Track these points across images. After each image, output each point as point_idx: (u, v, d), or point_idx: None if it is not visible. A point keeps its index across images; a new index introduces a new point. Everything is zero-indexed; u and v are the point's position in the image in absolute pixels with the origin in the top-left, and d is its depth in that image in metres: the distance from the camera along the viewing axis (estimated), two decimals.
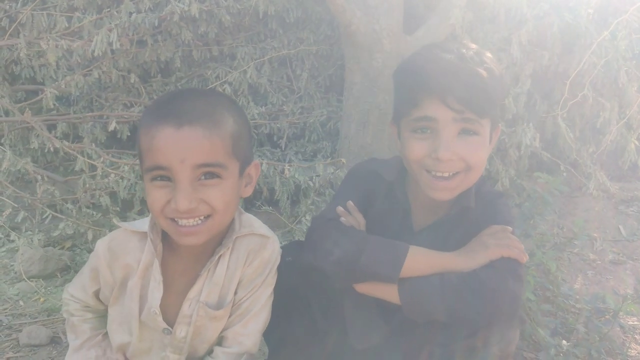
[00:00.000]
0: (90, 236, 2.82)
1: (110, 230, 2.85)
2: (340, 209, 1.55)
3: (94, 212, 2.97)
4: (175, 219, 1.29)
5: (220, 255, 1.43)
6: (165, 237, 1.42)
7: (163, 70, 3.72)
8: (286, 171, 3.06)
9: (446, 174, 1.45)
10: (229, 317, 1.49)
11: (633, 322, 2.41)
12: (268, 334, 1.59)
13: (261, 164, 3.11)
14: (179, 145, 1.23)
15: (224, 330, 1.50)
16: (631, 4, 3.20)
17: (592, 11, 3.21)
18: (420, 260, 1.43)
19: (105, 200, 2.87)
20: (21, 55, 3.17)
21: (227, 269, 1.44)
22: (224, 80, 3.50)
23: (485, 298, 1.37)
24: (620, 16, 3.20)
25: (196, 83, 3.65)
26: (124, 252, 1.43)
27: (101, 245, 1.44)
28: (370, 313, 1.59)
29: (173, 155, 1.23)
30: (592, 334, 2.14)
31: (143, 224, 1.43)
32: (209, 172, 1.27)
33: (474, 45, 1.49)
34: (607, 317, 2.24)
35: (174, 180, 1.25)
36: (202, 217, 1.30)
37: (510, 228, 1.52)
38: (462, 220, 1.56)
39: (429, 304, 1.40)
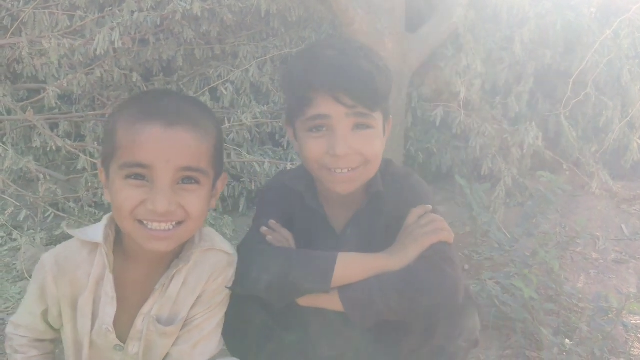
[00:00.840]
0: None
1: None
2: (264, 229, 1.53)
3: (96, 211, 2.97)
4: (145, 222, 1.24)
5: (177, 271, 1.37)
6: (117, 246, 1.36)
7: (165, 69, 3.72)
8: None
9: (345, 170, 1.46)
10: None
11: (636, 321, 2.40)
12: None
13: (263, 163, 3.11)
14: (166, 144, 1.21)
15: (171, 347, 1.43)
16: (634, 2, 3.19)
17: (594, 10, 3.21)
18: (351, 267, 1.42)
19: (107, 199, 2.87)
20: (23, 54, 3.17)
21: (183, 285, 1.38)
22: (226, 79, 3.49)
23: (425, 290, 1.38)
24: (623, 15, 3.19)
25: (198, 82, 3.64)
26: (72, 265, 1.34)
27: (47, 258, 1.36)
28: (332, 319, 1.58)
29: (158, 154, 1.20)
30: (595, 333, 2.13)
31: (95, 232, 1.35)
32: (189, 177, 1.25)
33: (356, 41, 1.51)
34: (610, 316, 2.24)
35: (153, 180, 1.21)
36: (173, 223, 1.26)
37: (429, 207, 1.54)
38: (378, 207, 1.57)
39: (371, 307, 1.39)
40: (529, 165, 3.46)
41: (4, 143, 3.09)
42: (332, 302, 1.42)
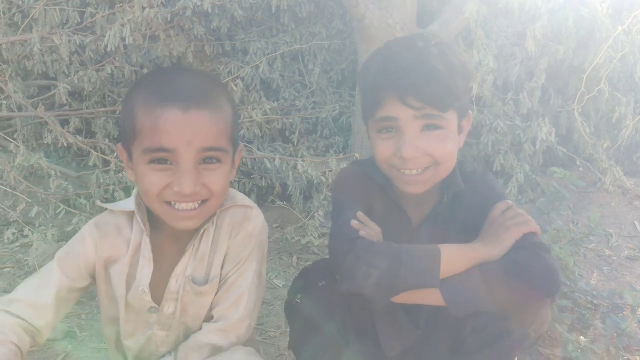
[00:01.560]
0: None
1: None
2: (355, 222, 1.50)
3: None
4: (172, 203, 1.28)
5: (204, 230, 1.41)
6: (148, 216, 1.41)
7: (175, 65, 3.71)
8: (299, 166, 3.04)
9: (414, 171, 1.45)
10: (216, 293, 1.45)
11: None
12: (299, 351, 1.59)
13: (274, 159, 3.11)
14: (187, 127, 1.22)
15: (212, 309, 1.46)
16: None
17: (607, 5, 3.18)
18: (454, 258, 1.41)
19: (119, 195, 2.87)
20: (34, 50, 3.17)
21: (211, 244, 1.42)
22: (236, 75, 3.49)
23: (529, 279, 1.35)
24: (636, 10, 3.18)
25: None
26: (114, 229, 1.40)
27: (87, 227, 1.42)
28: (398, 319, 1.58)
29: (180, 137, 1.22)
30: (609, 329, 2.11)
31: (126, 204, 1.41)
32: (210, 157, 1.27)
33: (436, 37, 1.49)
34: (624, 312, 2.22)
35: (177, 163, 1.24)
36: (199, 201, 1.29)
37: (510, 202, 1.53)
38: (457, 205, 1.56)
39: (474, 298, 1.37)
40: (540, 162, 3.44)
41: (15, 139, 3.10)
42: (430, 297, 1.41)
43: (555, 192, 2.47)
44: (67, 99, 3.26)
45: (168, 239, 1.43)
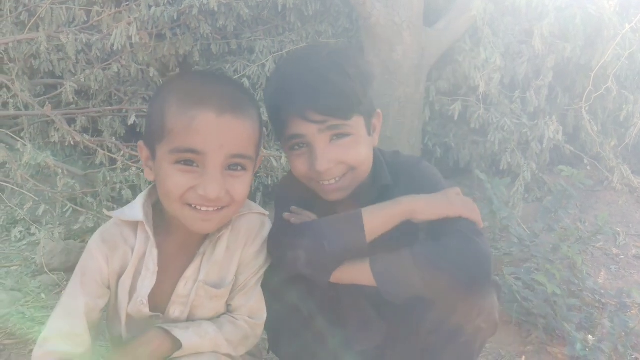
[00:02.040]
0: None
1: None
2: (286, 214, 1.52)
3: (115, 206, 2.98)
4: (193, 205, 1.27)
5: (220, 236, 1.41)
6: (159, 220, 1.40)
7: (182, 64, 3.72)
8: None
9: (332, 181, 1.47)
10: (230, 294, 1.47)
11: None
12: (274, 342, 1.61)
13: (280, 157, 3.10)
14: (220, 132, 1.23)
15: (230, 304, 1.49)
16: None
17: (614, 2, 3.16)
18: (378, 216, 1.41)
19: (127, 193, 2.87)
20: (41, 49, 3.17)
21: (226, 249, 1.43)
22: (242, 74, 3.49)
23: (459, 262, 1.36)
24: None
25: None
26: (120, 240, 1.39)
27: (93, 242, 1.39)
28: (365, 313, 1.58)
29: (212, 140, 1.22)
30: (617, 328, 2.10)
31: (132, 211, 1.38)
32: (237, 163, 1.27)
33: (328, 47, 1.50)
34: (633, 311, 2.21)
35: (204, 166, 1.23)
36: (219, 207, 1.29)
37: (458, 189, 1.52)
38: (385, 199, 1.54)
39: (404, 278, 1.37)
40: (547, 160, 3.43)
41: (22, 138, 3.11)
42: (363, 275, 1.41)
43: (562, 191, 2.46)
44: (73, 98, 3.26)
45: (175, 244, 1.41)
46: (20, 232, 2.97)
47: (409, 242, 1.41)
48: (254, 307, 1.48)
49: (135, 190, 2.94)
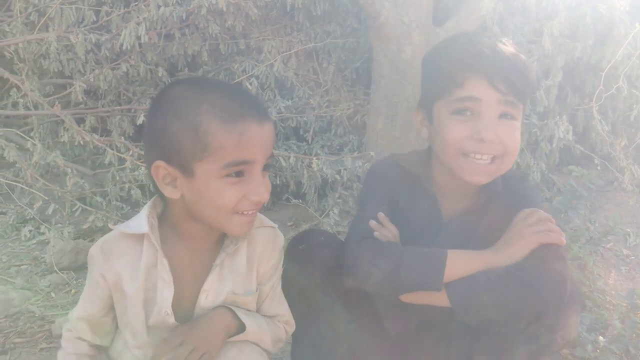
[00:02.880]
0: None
1: None
2: (373, 223, 1.51)
3: (124, 205, 2.99)
4: (244, 212, 1.30)
5: (237, 247, 1.42)
6: (166, 232, 1.40)
7: (190, 64, 3.73)
8: (314, 164, 3.04)
9: (485, 157, 1.42)
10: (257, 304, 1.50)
11: None
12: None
13: (288, 157, 3.10)
14: (264, 139, 1.27)
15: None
16: None
17: (625, 1, 3.15)
18: (460, 264, 1.40)
19: (136, 193, 2.88)
20: (50, 49, 3.19)
21: (247, 260, 1.44)
22: (250, 73, 3.49)
23: (533, 285, 1.34)
24: None
25: (223, 77, 3.65)
26: (117, 253, 1.38)
27: (93, 250, 1.40)
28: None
29: (259, 149, 1.26)
30: (628, 329, 2.09)
31: (137, 224, 1.37)
32: (268, 164, 1.32)
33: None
34: None
35: (250, 174, 1.27)
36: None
37: (540, 210, 1.48)
38: (491, 206, 1.54)
39: (477, 302, 1.37)
40: (557, 160, 3.41)
41: (31, 137, 3.12)
42: (438, 299, 1.41)
43: (572, 191, 2.44)
44: (82, 98, 3.28)
45: (185, 254, 1.41)
46: (30, 231, 2.99)
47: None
48: (286, 315, 1.53)
49: (144, 189, 2.94)
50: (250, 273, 1.45)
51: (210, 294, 1.41)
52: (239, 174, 1.26)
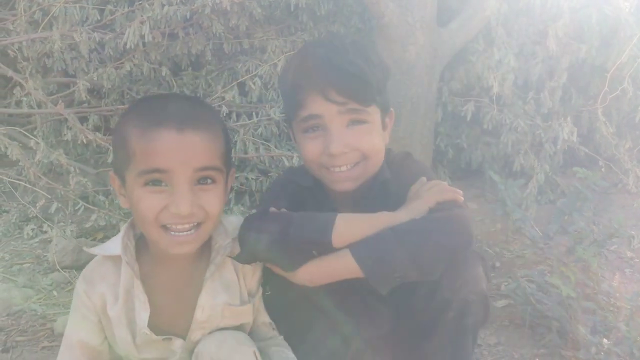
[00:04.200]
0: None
1: None
2: (272, 208, 1.50)
3: None
4: (168, 226, 1.27)
5: (225, 261, 1.43)
6: (144, 250, 1.40)
7: (194, 64, 3.72)
8: None
9: (344, 168, 1.45)
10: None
11: None
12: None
13: (292, 157, 3.10)
14: (182, 148, 1.23)
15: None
16: None
17: (631, 3, 3.13)
18: (355, 223, 1.38)
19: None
20: (54, 47, 3.18)
21: (235, 272, 1.45)
22: (254, 73, 3.48)
23: (444, 229, 1.35)
24: None
25: (226, 76, 3.64)
26: (98, 278, 1.39)
27: (79, 281, 1.42)
28: (369, 303, 1.56)
29: (175, 158, 1.22)
30: (633, 332, 2.08)
31: (115, 245, 1.39)
32: (205, 177, 1.28)
33: (349, 37, 1.50)
34: None
35: (172, 184, 1.24)
36: (195, 224, 1.29)
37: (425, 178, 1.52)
38: (385, 194, 1.56)
39: (390, 259, 1.32)
40: (560, 162, 3.40)
41: (35, 136, 3.12)
42: (347, 268, 1.36)
43: (577, 193, 2.44)
44: (86, 97, 3.26)
45: (173, 272, 1.41)
46: (33, 229, 2.99)
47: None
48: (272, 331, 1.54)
49: None
50: (240, 282, 1.46)
51: (206, 308, 1.40)
52: (157, 182, 1.24)
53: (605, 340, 2.06)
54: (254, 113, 3.38)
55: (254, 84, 3.41)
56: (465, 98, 3.33)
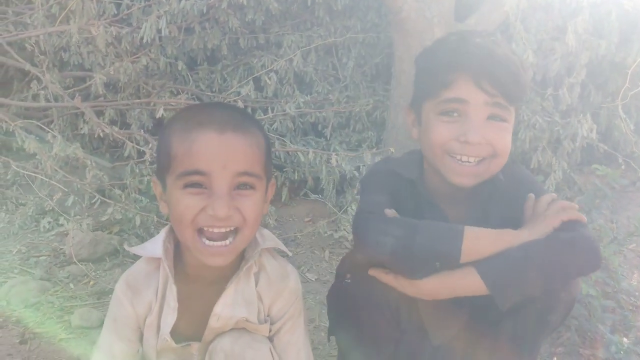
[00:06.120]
0: (137, 222, 2.84)
1: (157, 216, 2.89)
2: (387, 210, 1.45)
3: (142, 198, 2.99)
4: (205, 230, 1.25)
5: (246, 269, 1.39)
6: (177, 257, 1.39)
7: (209, 58, 3.73)
8: (333, 160, 3.02)
9: (472, 159, 1.41)
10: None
11: None
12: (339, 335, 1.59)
13: (307, 152, 3.09)
14: (222, 150, 1.22)
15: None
16: None
17: None
18: (481, 238, 1.35)
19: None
20: (72, 41, 3.20)
21: (257, 284, 1.42)
22: (269, 68, 3.48)
23: (575, 248, 1.33)
24: None
25: (242, 71, 3.64)
26: (144, 285, 1.39)
27: (119, 286, 1.39)
28: (442, 307, 1.53)
29: (215, 160, 1.21)
30: None
31: (153, 247, 1.38)
32: (245, 183, 1.26)
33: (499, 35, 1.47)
34: None
35: (211, 187, 1.22)
36: (231, 229, 1.26)
37: (555, 195, 1.48)
38: (497, 198, 1.52)
39: (520, 281, 1.32)
40: (579, 159, 3.37)
41: (51, 129, 3.13)
42: (471, 285, 1.34)
43: (595, 190, 2.41)
44: (102, 90, 3.28)
45: (202, 280, 1.40)
46: (49, 222, 3.00)
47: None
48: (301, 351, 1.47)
49: None
50: (261, 303, 1.43)
51: (222, 318, 1.39)
52: (196, 185, 1.22)
53: (625, 339, 2.03)
54: (269, 108, 3.37)
55: (269, 79, 3.40)
56: None
